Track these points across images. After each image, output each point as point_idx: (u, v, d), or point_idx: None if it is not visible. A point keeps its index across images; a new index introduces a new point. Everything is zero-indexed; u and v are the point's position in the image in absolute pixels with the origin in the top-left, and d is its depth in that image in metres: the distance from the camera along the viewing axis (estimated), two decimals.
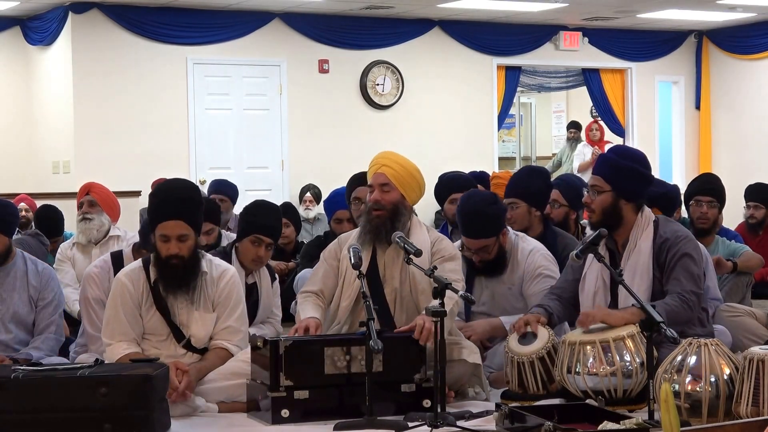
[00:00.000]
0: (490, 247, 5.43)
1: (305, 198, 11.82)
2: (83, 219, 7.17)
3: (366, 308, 4.53)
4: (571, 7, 12.84)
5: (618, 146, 5.25)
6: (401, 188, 5.10)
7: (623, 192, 4.99)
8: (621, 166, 4.99)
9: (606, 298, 5.01)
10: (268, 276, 5.75)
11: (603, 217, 5.00)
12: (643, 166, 5.08)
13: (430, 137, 13.42)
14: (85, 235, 7.12)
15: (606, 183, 5.00)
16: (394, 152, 5.32)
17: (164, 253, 4.79)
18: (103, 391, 4.22)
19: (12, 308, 5.40)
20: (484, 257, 5.45)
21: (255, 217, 5.63)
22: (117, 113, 11.96)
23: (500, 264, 5.48)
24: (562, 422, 4.00)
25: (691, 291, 4.85)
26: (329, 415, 4.54)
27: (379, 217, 5.06)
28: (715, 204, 6.69)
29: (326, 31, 12.99)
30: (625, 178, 4.99)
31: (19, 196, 9.53)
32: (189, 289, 4.84)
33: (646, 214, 5.06)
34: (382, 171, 5.12)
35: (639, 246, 4.98)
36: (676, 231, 5.01)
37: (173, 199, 4.84)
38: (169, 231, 4.77)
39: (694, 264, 4.92)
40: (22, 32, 12.64)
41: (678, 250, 4.92)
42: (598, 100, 15.04)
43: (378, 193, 5.09)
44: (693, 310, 4.87)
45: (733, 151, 14.94)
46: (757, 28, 14.43)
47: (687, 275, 4.89)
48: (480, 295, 5.51)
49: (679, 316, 4.79)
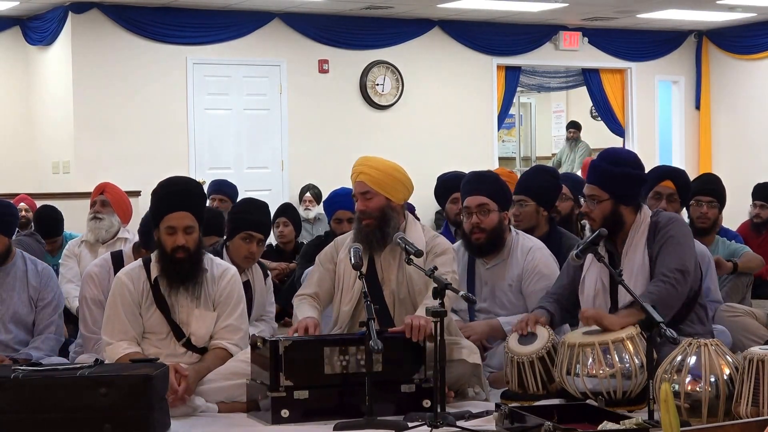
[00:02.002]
0: (488, 212, 5.39)
1: (305, 198, 11.81)
2: (94, 218, 7.20)
3: (366, 308, 4.53)
4: (571, 7, 12.84)
5: (606, 152, 5.21)
6: (383, 191, 5.08)
7: (621, 198, 4.99)
8: (615, 174, 4.99)
9: (606, 300, 4.99)
10: (260, 273, 5.79)
11: (604, 223, 4.99)
12: (635, 167, 5.08)
13: (430, 137, 13.41)
14: (93, 234, 7.15)
15: (603, 192, 4.99)
16: (370, 156, 5.31)
17: (170, 246, 4.78)
18: (103, 391, 4.22)
19: (12, 308, 5.41)
20: (479, 236, 5.42)
21: (245, 214, 5.70)
22: (117, 113, 11.95)
23: (496, 244, 5.46)
24: (562, 422, 4.00)
25: (674, 269, 4.81)
26: (329, 415, 4.54)
27: (369, 225, 5.06)
28: (715, 204, 6.69)
29: (326, 31, 12.98)
30: (621, 184, 4.98)
31: (19, 196, 9.53)
32: (193, 285, 4.84)
33: (644, 211, 5.06)
34: (360, 179, 5.11)
35: (636, 243, 4.98)
36: (669, 216, 5.03)
37: (179, 190, 4.86)
38: (176, 222, 4.78)
39: (681, 243, 4.89)
40: (22, 32, 12.63)
41: (665, 233, 4.91)
42: (597, 100, 15.03)
43: (362, 202, 5.09)
44: (677, 286, 4.80)
45: (733, 151, 14.94)
46: (757, 28, 14.43)
47: (671, 255, 4.85)
48: (480, 291, 5.51)
49: (665, 298, 4.74)
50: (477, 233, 5.44)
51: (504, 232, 5.50)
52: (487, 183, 5.52)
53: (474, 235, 5.45)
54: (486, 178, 5.60)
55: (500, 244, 5.48)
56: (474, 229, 5.44)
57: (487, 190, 5.46)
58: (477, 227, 5.43)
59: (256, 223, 5.63)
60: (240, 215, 5.71)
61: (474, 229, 5.44)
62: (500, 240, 5.48)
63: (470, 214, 5.46)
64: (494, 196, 5.45)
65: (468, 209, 5.47)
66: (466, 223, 5.49)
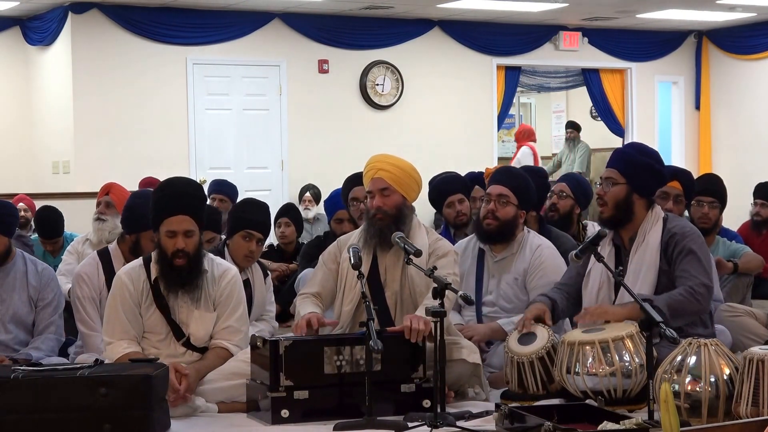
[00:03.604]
0: (507, 203, 5.46)
1: (305, 198, 11.81)
2: (98, 219, 7.21)
3: (366, 308, 4.53)
4: (571, 7, 12.84)
5: (635, 142, 5.34)
6: (401, 190, 5.09)
7: (637, 187, 5.03)
8: (637, 161, 5.06)
9: (610, 294, 5.02)
10: (260, 272, 5.82)
11: (615, 210, 5.03)
12: (659, 163, 5.16)
13: (430, 137, 13.41)
14: (97, 235, 7.15)
15: (621, 176, 5.05)
16: (387, 154, 5.30)
17: (170, 249, 4.78)
18: (103, 391, 4.22)
19: (12, 308, 5.41)
20: (491, 223, 5.47)
21: (244, 213, 5.78)
22: (117, 113, 11.95)
23: (506, 234, 5.51)
24: (562, 422, 3.99)
25: (701, 284, 4.86)
26: (329, 415, 4.54)
27: (382, 221, 5.04)
28: (717, 205, 6.70)
29: (326, 31, 12.98)
30: (641, 173, 5.04)
31: (18, 196, 9.53)
32: (192, 288, 4.84)
33: (656, 210, 5.10)
34: (380, 176, 5.10)
35: (647, 240, 5.01)
36: (683, 227, 5.06)
37: (180, 194, 4.84)
38: (176, 226, 4.77)
39: (702, 258, 4.95)
40: (22, 32, 12.63)
41: (686, 244, 4.95)
42: (597, 100, 15.03)
43: (379, 199, 5.07)
44: (702, 302, 4.86)
45: (733, 151, 14.94)
46: (757, 28, 14.42)
47: (697, 268, 4.90)
48: (488, 283, 5.54)
49: (685, 308, 4.80)
50: (490, 219, 5.50)
51: (516, 228, 5.55)
52: (515, 179, 5.62)
53: (486, 221, 5.51)
54: (515, 174, 5.71)
55: (510, 236, 5.53)
56: (488, 214, 5.49)
57: (512, 184, 5.55)
58: (492, 214, 5.49)
59: (256, 222, 5.69)
60: (240, 214, 5.79)
61: (488, 214, 5.49)
62: (510, 233, 5.53)
63: (489, 201, 5.52)
64: (517, 191, 5.54)
65: (488, 196, 5.55)
66: (482, 209, 5.54)
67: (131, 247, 5.46)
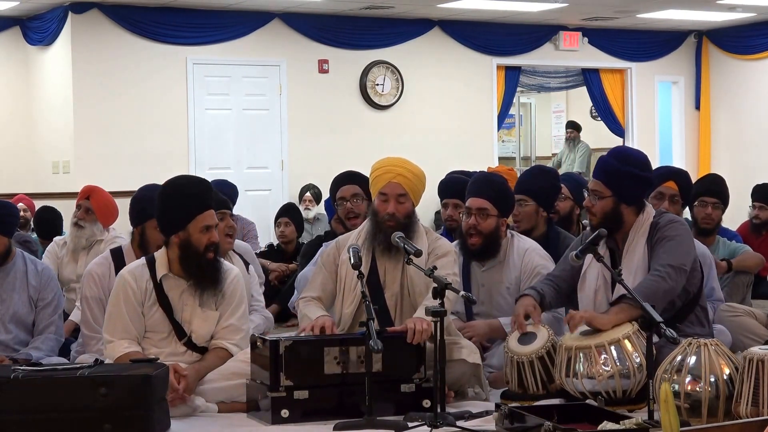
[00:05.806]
0: (487, 216, 5.41)
1: (305, 198, 11.81)
2: (76, 224, 7.05)
3: (366, 308, 4.53)
4: (571, 7, 12.84)
5: (618, 149, 5.19)
6: (414, 197, 5.10)
7: (623, 197, 4.98)
8: (621, 173, 4.97)
9: (607, 296, 4.99)
10: (241, 263, 5.83)
11: (604, 221, 4.99)
12: (643, 168, 5.04)
13: (430, 137, 13.41)
14: (73, 242, 7.02)
15: (606, 188, 4.99)
16: (403, 159, 5.25)
17: (205, 244, 4.80)
18: (103, 391, 4.22)
19: (12, 308, 5.41)
20: (475, 241, 5.44)
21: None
22: (117, 113, 11.95)
23: (491, 249, 5.48)
24: (562, 422, 3.99)
25: (666, 264, 4.81)
26: (329, 415, 4.54)
27: (393, 228, 5.00)
28: (719, 205, 6.70)
29: (326, 31, 12.98)
30: (625, 183, 4.97)
31: (17, 196, 9.53)
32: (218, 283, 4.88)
33: (648, 211, 5.05)
34: (398, 181, 5.07)
35: (636, 242, 4.98)
36: (668, 218, 5.02)
37: (205, 189, 4.91)
38: (211, 220, 4.84)
39: (676, 242, 4.88)
40: (21, 32, 12.62)
41: (663, 233, 4.92)
42: (597, 100, 15.03)
43: (394, 205, 5.04)
44: (669, 281, 4.79)
45: (733, 152, 14.94)
46: (757, 28, 14.43)
47: (669, 251, 4.85)
48: (478, 293, 5.51)
49: (655, 291, 4.72)
50: (473, 237, 5.46)
51: (500, 237, 5.52)
52: (493, 188, 5.52)
53: (470, 239, 5.46)
54: (492, 182, 5.58)
55: (495, 248, 5.51)
56: (470, 230, 5.45)
57: (490, 194, 5.47)
58: (474, 229, 5.45)
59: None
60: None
61: (470, 230, 5.45)
62: (496, 245, 5.50)
63: (469, 215, 5.47)
64: (496, 201, 5.47)
65: (468, 210, 5.49)
66: (464, 223, 5.51)
67: (138, 240, 5.44)
